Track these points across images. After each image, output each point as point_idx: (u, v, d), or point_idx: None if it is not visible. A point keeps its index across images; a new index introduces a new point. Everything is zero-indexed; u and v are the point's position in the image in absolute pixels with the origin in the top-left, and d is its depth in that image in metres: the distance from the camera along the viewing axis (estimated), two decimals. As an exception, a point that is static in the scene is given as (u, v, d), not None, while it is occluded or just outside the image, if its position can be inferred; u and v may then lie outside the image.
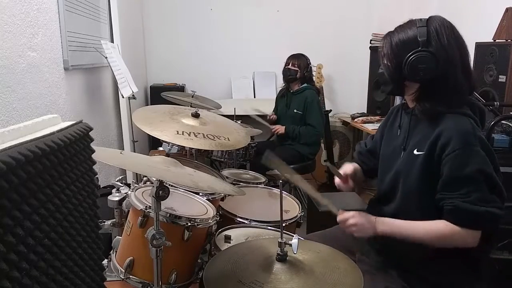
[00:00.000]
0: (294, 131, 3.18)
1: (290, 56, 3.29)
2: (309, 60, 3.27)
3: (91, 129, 0.98)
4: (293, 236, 1.12)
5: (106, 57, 2.58)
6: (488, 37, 2.50)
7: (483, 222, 1.17)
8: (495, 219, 1.16)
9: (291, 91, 3.30)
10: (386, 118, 1.54)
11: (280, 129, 3.25)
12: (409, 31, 1.28)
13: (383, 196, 1.43)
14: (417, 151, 1.28)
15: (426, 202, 1.27)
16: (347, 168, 1.57)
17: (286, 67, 3.27)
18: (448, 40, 1.24)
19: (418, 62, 1.24)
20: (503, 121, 2.07)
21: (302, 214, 1.86)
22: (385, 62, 1.34)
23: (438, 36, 1.24)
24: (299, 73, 3.22)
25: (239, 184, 2.21)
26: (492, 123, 1.97)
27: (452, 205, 1.18)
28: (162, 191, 1.15)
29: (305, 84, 3.26)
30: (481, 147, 1.19)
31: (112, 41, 3.12)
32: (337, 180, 1.57)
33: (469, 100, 1.31)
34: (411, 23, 1.29)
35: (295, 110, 3.23)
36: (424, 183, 1.26)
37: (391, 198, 1.37)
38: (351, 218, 1.31)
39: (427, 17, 1.28)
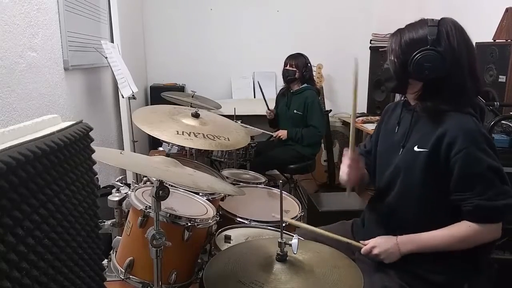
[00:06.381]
0: (297, 134, 3.16)
1: (288, 56, 3.27)
2: (308, 59, 3.25)
3: (91, 129, 0.98)
4: (293, 236, 1.12)
5: (106, 57, 2.58)
6: (488, 37, 2.49)
7: (504, 215, 1.20)
8: None
9: (291, 91, 3.30)
10: (382, 116, 1.54)
11: (282, 134, 3.23)
12: (420, 30, 1.27)
13: (381, 192, 1.43)
14: (418, 147, 1.28)
15: (425, 197, 1.28)
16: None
17: (284, 68, 3.26)
18: (458, 42, 1.24)
19: (424, 60, 1.23)
20: (503, 121, 2.07)
21: (302, 214, 1.86)
22: (392, 58, 1.33)
23: (448, 37, 1.24)
24: (297, 73, 3.20)
25: (239, 184, 2.21)
26: (492, 123, 1.97)
27: (472, 205, 1.19)
28: (162, 191, 1.16)
29: (305, 84, 3.25)
30: (486, 144, 1.20)
31: (112, 41, 3.12)
32: (344, 166, 1.45)
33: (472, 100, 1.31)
34: (422, 22, 1.29)
35: (295, 111, 3.22)
36: (426, 179, 1.26)
37: (388, 194, 1.37)
38: (374, 248, 1.31)
39: (439, 18, 1.28)
